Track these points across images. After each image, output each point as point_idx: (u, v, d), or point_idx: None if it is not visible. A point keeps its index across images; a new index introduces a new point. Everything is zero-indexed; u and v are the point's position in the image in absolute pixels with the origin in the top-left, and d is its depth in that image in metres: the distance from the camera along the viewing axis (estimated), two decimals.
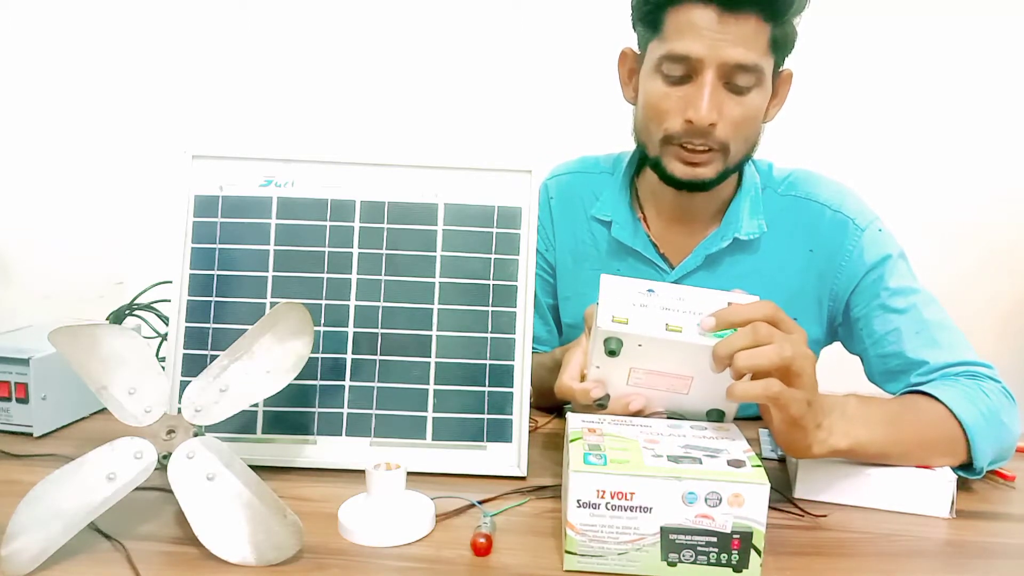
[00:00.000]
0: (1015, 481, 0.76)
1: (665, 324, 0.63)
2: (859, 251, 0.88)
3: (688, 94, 0.79)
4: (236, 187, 0.78)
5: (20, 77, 1.88)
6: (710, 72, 0.77)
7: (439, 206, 0.78)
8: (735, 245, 0.90)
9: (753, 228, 0.90)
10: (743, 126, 0.81)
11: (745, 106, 0.80)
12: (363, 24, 1.82)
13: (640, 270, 0.94)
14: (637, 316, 0.64)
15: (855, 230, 0.88)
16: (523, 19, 1.79)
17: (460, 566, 0.57)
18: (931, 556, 0.62)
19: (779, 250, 0.91)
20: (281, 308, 0.66)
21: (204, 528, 0.58)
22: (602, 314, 0.64)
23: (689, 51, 0.77)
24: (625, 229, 0.94)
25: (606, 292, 0.66)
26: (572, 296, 1.00)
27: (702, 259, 0.91)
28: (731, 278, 0.90)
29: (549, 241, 1.01)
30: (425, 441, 0.75)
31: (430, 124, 1.81)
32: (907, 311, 0.84)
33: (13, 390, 0.80)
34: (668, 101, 0.81)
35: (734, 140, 0.81)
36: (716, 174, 0.83)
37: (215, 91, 1.85)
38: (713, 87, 0.78)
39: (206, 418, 0.63)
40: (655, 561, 0.56)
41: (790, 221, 0.91)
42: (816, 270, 0.90)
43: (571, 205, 1.00)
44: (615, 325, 0.64)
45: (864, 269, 0.87)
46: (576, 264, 0.99)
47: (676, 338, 0.62)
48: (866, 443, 0.67)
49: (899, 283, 0.86)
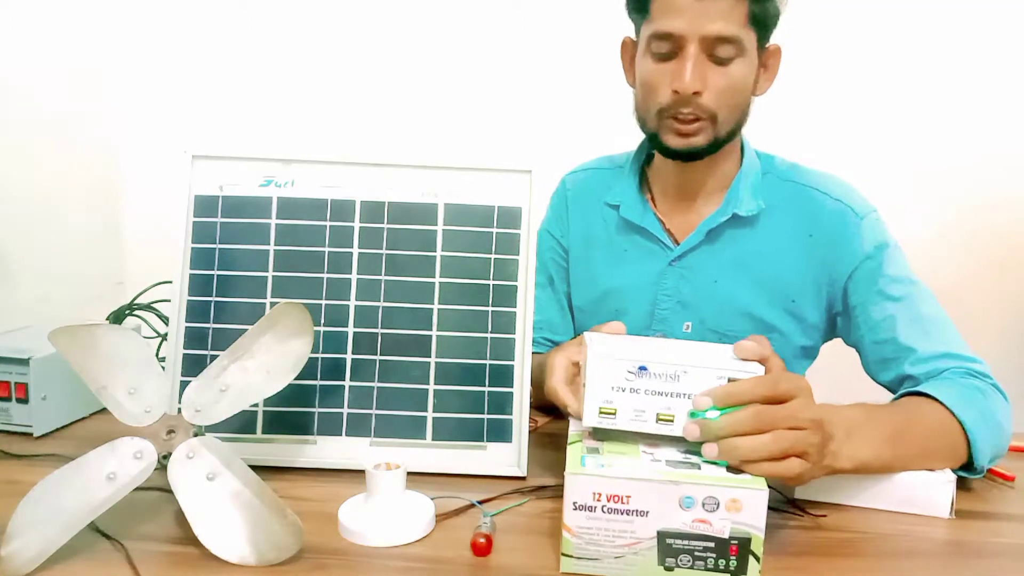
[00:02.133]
0: (1015, 481, 0.77)
1: (656, 414, 0.60)
2: (858, 238, 0.91)
3: (675, 68, 0.86)
4: (236, 187, 0.78)
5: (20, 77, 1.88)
6: (692, 45, 0.83)
7: (439, 206, 0.78)
8: (735, 221, 0.94)
9: (752, 206, 0.94)
10: (728, 94, 0.86)
11: (728, 76, 0.85)
12: (363, 24, 1.82)
13: (646, 247, 0.99)
14: (625, 405, 0.60)
15: (855, 218, 0.91)
16: (523, 19, 1.79)
17: (460, 566, 0.57)
18: (931, 556, 0.62)
19: (779, 231, 0.94)
20: (281, 308, 0.66)
21: (204, 528, 0.58)
22: (589, 403, 0.61)
23: (672, 28, 0.84)
24: (633, 209, 0.99)
25: (593, 371, 0.61)
26: (581, 280, 1.05)
27: (703, 235, 0.95)
28: (731, 255, 0.95)
29: (565, 228, 1.07)
30: (425, 441, 0.75)
31: (430, 124, 1.81)
32: (903, 299, 0.87)
33: (13, 390, 0.81)
34: (657, 76, 0.87)
35: (721, 108, 0.87)
36: (707, 142, 0.88)
37: (215, 91, 1.85)
38: (696, 59, 0.84)
39: (206, 418, 0.63)
40: (652, 565, 0.55)
41: (791, 206, 0.95)
42: (816, 256, 0.93)
43: (586, 196, 1.06)
44: (603, 419, 0.61)
45: (862, 256, 0.90)
46: (587, 248, 1.04)
47: (668, 430, 0.60)
48: (869, 462, 0.67)
49: (896, 272, 0.89)
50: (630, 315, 0.99)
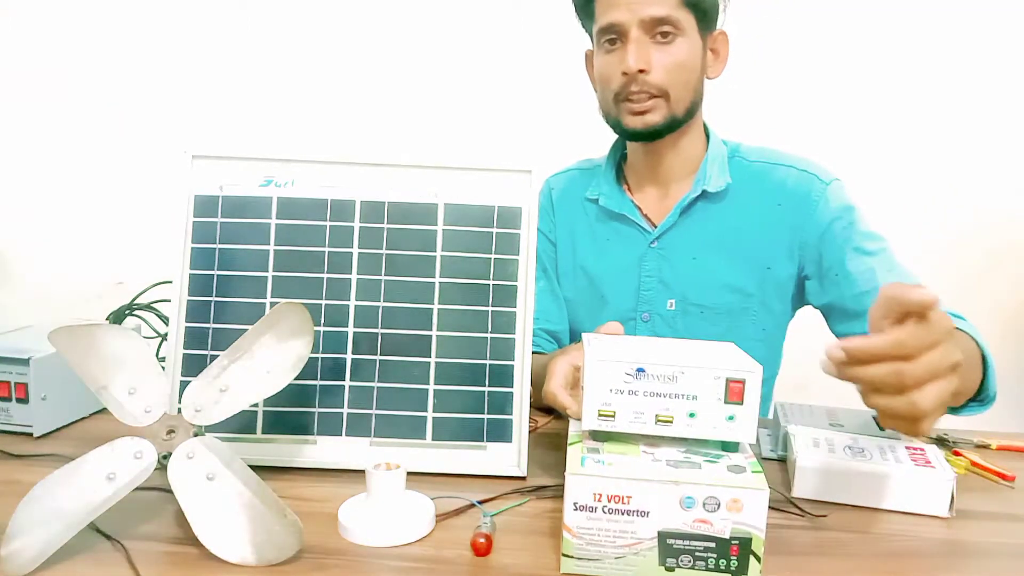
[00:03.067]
0: (1015, 481, 0.77)
1: (655, 416, 0.60)
2: (824, 201, 0.97)
3: (621, 54, 0.94)
4: (236, 187, 0.78)
5: (20, 77, 1.88)
6: (634, 29, 0.92)
7: (439, 206, 0.78)
8: (706, 198, 1.01)
9: (720, 183, 1.01)
10: (675, 71, 0.94)
11: (671, 54, 0.93)
12: (363, 24, 1.82)
13: (626, 232, 1.06)
14: (624, 407, 0.60)
15: (820, 184, 0.98)
16: (523, 19, 1.79)
17: (460, 566, 0.57)
18: (931, 556, 0.62)
19: (749, 204, 1.01)
20: (281, 308, 0.66)
21: (204, 528, 0.58)
22: (588, 406, 0.61)
23: (613, 18, 0.93)
24: (612, 199, 1.07)
25: (591, 375, 0.60)
26: (569, 271, 1.11)
27: (678, 214, 1.02)
28: (706, 231, 1.01)
29: (551, 224, 1.13)
30: (425, 441, 0.75)
31: (430, 124, 1.81)
32: (878, 253, 0.94)
33: (13, 390, 0.80)
34: (608, 67, 0.96)
35: (671, 86, 0.94)
36: (664, 120, 0.96)
37: (215, 91, 1.85)
38: (638, 41, 0.92)
39: (206, 418, 0.63)
40: (653, 566, 0.55)
41: (758, 181, 1.01)
42: (786, 222, 0.99)
43: (570, 194, 1.13)
44: (602, 421, 0.61)
45: (830, 217, 0.96)
46: (572, 241, 1.11)
47: (667, 431, 0.60)
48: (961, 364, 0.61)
49: (866, 229, 0.96)
50: (617, 299, 1.05)
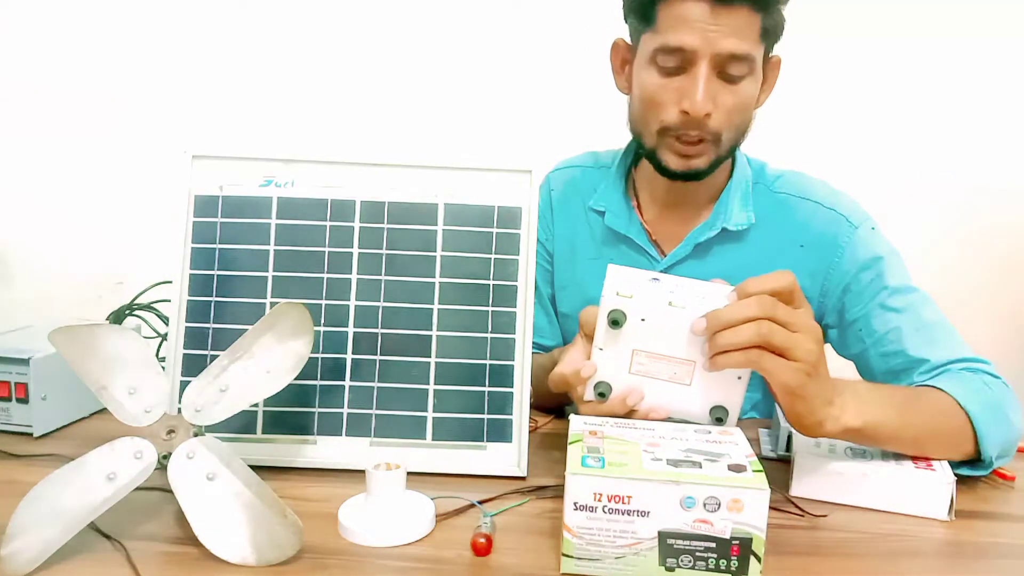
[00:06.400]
0: (1015, 481, 0.76)
1: (668, 301, 0.66)
2: (851, 248, 0.88)
3: (683, 85, 0.81)
4: (236, 187, 0.78)
5: (20, 77, 1.88)
6: (704, 63, 0.79)
7: (439, 206, 0.78)
8: (724, 235, 0.91)
9: (742, 219, 0.91)
10: (736, 114, 0.83)
11: (738, 95, 0.82)
12: (363, 24, 1.82)
13: (632, 257, 0.95)
14: (641, 292, 0.67)
15: (848, 227, 0.89)
16: (523, 19, 1.79)
17: (460, 566, 0.57)
18: (931, 556, 0.62)
19: (769, 244, 0.91)
20: (281, 308, 0.66)
21: (204, 528, 0.58)
22: (607, 290, 0.68)
23: (683, 43, 0.78)
24: (619, 217, 0.96)
25: (612, 276, 0.68)
26: (568, 285, 1.02)
27: (691, 248, 0.92)
28: (720, 269, 0.90)
29: (549, 231, 1.03)
30: (425, 441, 0.75)
31: (430, 124, 1.81)
32: (905, 310, 0.85)
33: (13, 390, 0.80)
34: (664, 93, 0.82)
35: (727, 129, 0.84)
36: (708, 164, 0.86)
37: (215, 91, 1.85)
38: (707, 78, 0.79)
39: (206, 418, 0.63)
40: (653, 566, 0.55)
41: (782, 217, 0.92)
42: (807, 267, 0.90)
43: (571, 198, 1.02)
44: (620, 299, 0.67)
45: (856, 267, 0.88)
46: (572, 254, 1.01)
47: (679, 312, 0.65)
48: (879, 424, 0.66)
49: (896, 282, 0.86)
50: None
